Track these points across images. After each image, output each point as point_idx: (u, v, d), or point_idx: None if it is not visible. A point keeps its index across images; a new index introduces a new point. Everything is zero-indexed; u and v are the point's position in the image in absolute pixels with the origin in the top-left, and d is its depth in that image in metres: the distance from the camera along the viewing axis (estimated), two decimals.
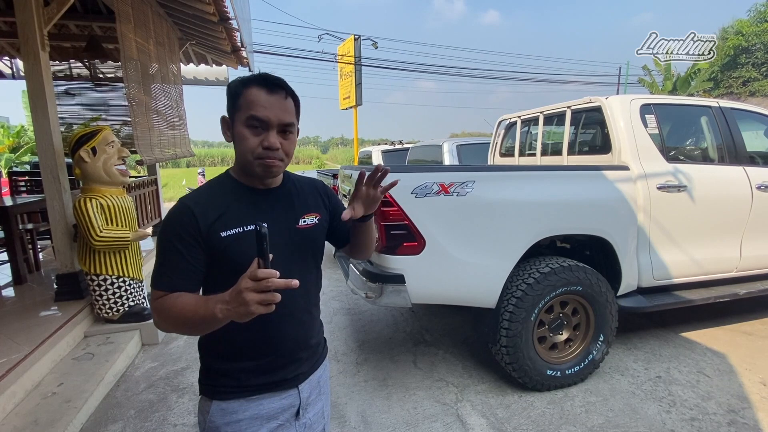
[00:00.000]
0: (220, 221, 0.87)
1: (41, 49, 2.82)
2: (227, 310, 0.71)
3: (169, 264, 0.86)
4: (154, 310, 0.85)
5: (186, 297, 0.83)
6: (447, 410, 2.22)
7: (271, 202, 0.95)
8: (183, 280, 0.86)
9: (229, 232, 0.87)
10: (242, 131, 0.86)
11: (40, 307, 3.12)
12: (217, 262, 0.88)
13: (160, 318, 0.84)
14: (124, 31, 3.38)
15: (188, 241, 0.85)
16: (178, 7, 4.09)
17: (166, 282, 0.85)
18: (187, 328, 0.81)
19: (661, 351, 2.80)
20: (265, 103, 0.85)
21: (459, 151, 5.39)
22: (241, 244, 0.87)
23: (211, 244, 0.86)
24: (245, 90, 0.86)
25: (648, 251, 2.54)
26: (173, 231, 0.86)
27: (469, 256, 2.14)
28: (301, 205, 1.00)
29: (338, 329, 3.30)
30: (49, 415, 2.10)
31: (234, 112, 0.88)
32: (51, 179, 2.94)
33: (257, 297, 0.66)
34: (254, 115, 0.85)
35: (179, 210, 0.87)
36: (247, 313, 0.68)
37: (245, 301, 0.66)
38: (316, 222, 1.01)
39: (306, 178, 1.11)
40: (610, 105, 2.61)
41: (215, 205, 0.88)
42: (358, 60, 12.26)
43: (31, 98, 2.86)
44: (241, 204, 0.91)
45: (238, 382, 0.92)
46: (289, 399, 0.97)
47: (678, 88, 18.97)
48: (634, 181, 2.46)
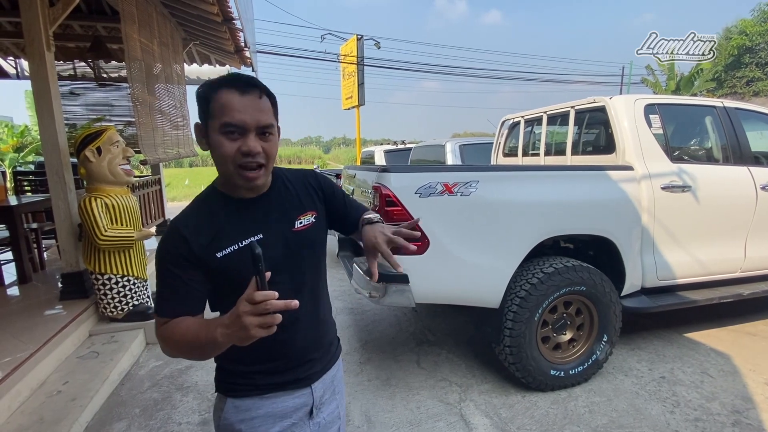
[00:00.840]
0: (215, 242, 0.84)
1: (46, 50, 2.84)
2: (227, 334, 0.69)
3: (168, 290, 0.83)
4: (159, 338, 0.83)
5: (188, 322, 0.81)
6: (450, 410, 2.22)
7: (263, 211, 0.91)
8: (184, 305, 0.83)
9: (225, 252, 0.84)
10: (218, 139, 0.80)
11: (45, 306, 3.14)
12: (217, 282, 0.86)
13: (166, 345, 0.82)
14: (129, 32, 3.40)
15: (184, 265, 0.82)
16: (182, 7, 4.11)
17: (167, 308, 0.83)
18: (192, 353, 0.79)
19: (665, 351, 2.79)
20: (238, 107, 0.79)
21: (462, 151, 5.38)
22: (238, 262, 0.84)
23: (209, 266, 0.83)
24: (215, 94, 0.80)
25: (652, 251, 2.53)
26: (168, 257, 0.83)
27: (473, 256, 2.14)
28: (295, 206, 0.95)
29: (341, 328, 3.30)
30: (55, 414, 2.11)
31: (206, 119, 0.82)
32: (56, 179, 2.95)
33: (256, 321, 0.64)
34: (228, 122, 0.79)
35: (171, 236, 0.84)
36: (248, 337, 0.66)
37: (244, 325, 0.65)
38: (312, 221, 0.97)
39: (296, 171, 1.04)
40: (614, 105, 2.60)
41: (206, 225, 0.85)
42: (361, 60, 12.27)
43: (37, 98, 2.88)
44: (232, 219, 0.87)
45: (252, 381, 0.92)
46: (302, 398, 0.97)
47: (681, 88, 18.90)
48: (638, 182, 2.45)
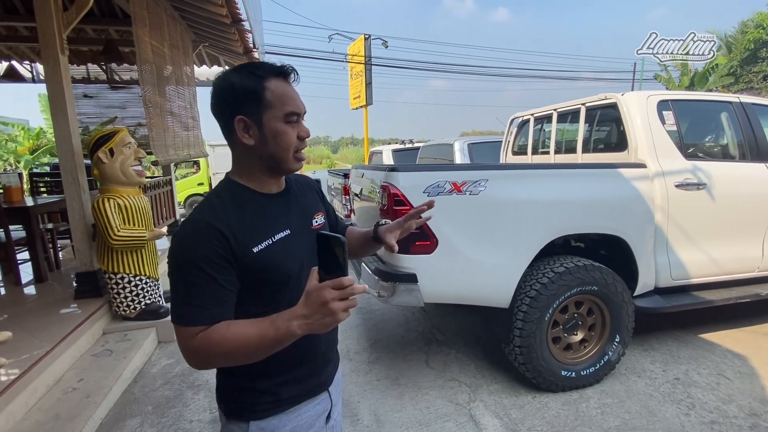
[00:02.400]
0: (249, 236, 0.80)
1: (61, 53, 2.89)
2: (308, 324, 0.67)
3: (202, 294, 0.75)
4: (194, 350, 0.74)
5: (240, 325, 0.74)
6: (460, 410, 2.21)
7: (287, 206, 0.90)
8: (222, 308, 0.77)
9: (261, 246, 0.81)
10: (282, 128, 0.81)
11: (61, 305, 3.20)
12: (247, 280, 0.81)
13: (207, 355, 0.74)
14: (140, 35, 3.44)
15: (219, 264, 0.76)
16: (192, 9, 4.15)
17: (203, 315, 0.75)
18: (246, 356, 0.74)
19: (680, 353, 2.74)
20: (293, 94, 0.82)
21: (470, 150, 5.35)
22: (273, 257, 0.82)
23: (244, 261, 0.79)
24: (267, 84, 0.80)
25: (666, 251, 2.48)
26: (200, 255, 0.75)
27: (482, 255, 2.12)
28: (310, 205, 0.97)
29: (350, 328, 3.31)
30: (70, 410, 2.16)
31: (261, 110, 0.80)
32: (71, 180, 3.01)
33: (343, 305, 0.65)
34: (293, 111, 0.81)
35: (201, 231, 0.77)
36: (334, 322, 0.67)
37: (332, 311, 0.65)
38: (323, 221, 1.00)
39: (301, 176, 1.05)
40: (626, 102, 2.56)
41: (239, 219, 0.81)
42: (368, 60, 12.27)
43: (51, 101, 2.93)
44: (260, 213, 0.84)
45: (277, 397, 0.88)
46: (322, 404, 0.96)
47: (696, 84, 18.52)
48: (651, 179, 2.41)
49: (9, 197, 3.92)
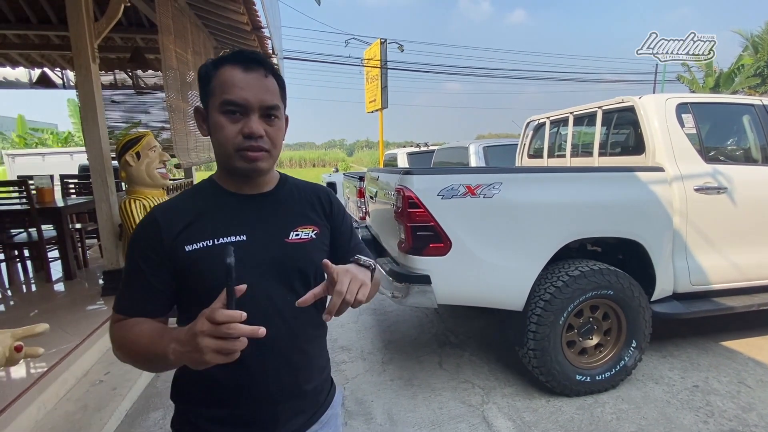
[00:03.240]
0: (187, 232, 0.73)
1: (92, 62, 3.04)
2: (180, 353, 0.58)
3: (131, 285, 0.73)
4: (111, 336, 0.73)
5: (143, 326, 0.69)
6: (473, 412, 2.22)
7: (256, 210, 0.79)
8: (145, 304, 0.73)
9: (195, 246, 0.72)
10: (218, 119, 0.72)
11: (88, 301, 3.35)
12: (182, 284, 0.74)
13: (115, 346, 0.72)
14: (166, 43, 3.59)
15: (152, 258, 0.72)
16: (215, 18, 4.30)
17: (126, 305, 0.73)
18: (141, 363, 0.69)
19: (699, 360, 2.68)
20: (241, 83, 0.71)
21: (486, 153, 5.35)
22: (207, 262, 0.72)
23: (175, 259, 0.72)
24: (217, 71, 0.72)
25: (684, 255, 2.45)
26: (137, 246, 0.74)
27: (496, 258, 2.14)
28: (296, 215, 0.83)
29: (364, 329, 3.35)
30: (98, 402, 2.26)
31: (207, 99, 0.74)
32: (100, 182, 3.15)
33: (213, 344, 0.54)
34: (229, 99, 0.71)
35: (146, 221, 0.75)
36: (201, 361, 0.55)
37: (199, 347, 0.54)
38: (312, 237, 0.82)
39: (309, 183, 0.93)
40: (643, 105, 2.54)
41: (183, 212, 0.75)
42: (384, 63, 12.37)
43: (83, 107, 3.09)
44: (216, 212, 0.76)
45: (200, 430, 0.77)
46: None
47: (721, 85, 17.97)
48: (670, 183, 2.38)
49: (41, 198, 4.11)
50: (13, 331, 0.97)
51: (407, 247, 2.10)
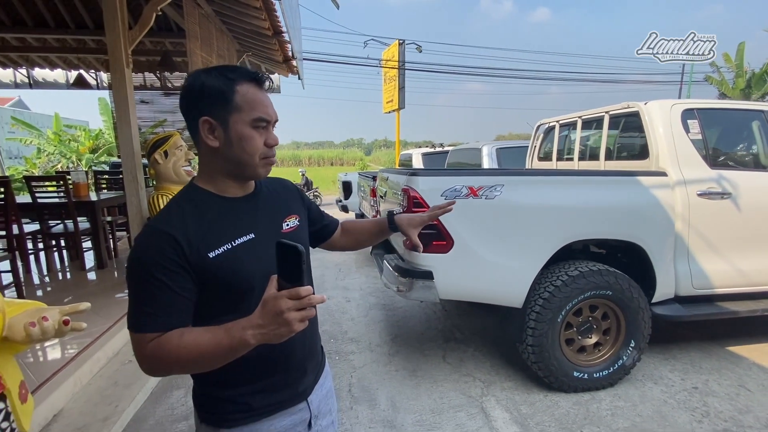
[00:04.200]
0: (205, 242, 0.78)
1: (126, 66, 3.28)
2: (263, 334, 0.65)
3: (154, 301, 0.74)
4: (147, 357, 0.73)
5: (195, 333, 0.73)
6: (472, 402, 2.33)
7: (253, 210, 0.88)
8: (176, 315, 0.76)
9: (218, 252, 0.79)
10: (248, 132, 0.80)
11: (118, 289, 3.62)
12: (207, 287, 0.79)
13: (161, 363, 0.73)
14: (192, 48, 3.81)
15: (173, 270, 0.75)
16: (238, 23, 4.52)
17: (155, 322, 0.74)
18: (202, 365, 0.72)
19: (702, 363, 2.71)
20: (265, 101, 0.82)
21: (498, 155, 5.41)
22: (232, 263, 0.80)
23: (200, 268, 0.77)
24: (238, 87, 0.79)
25: (686, 259, 2.49)
26: (152, 262, 0.74)
27: (496, 256, 2.24)
28: (281, 208, 0.95)
29: (374, 322, 3.49)
30: (127, 379, 2.48)
31: (229, 113, 0.79)
32: (131, 179, 3.40)
33: (299, 315, 0.63)
34: (262, 117, 0.80)
35: (154, 238, 0.76)
36: (289, 333, 0.65)
37: (288, 321, 0.63)
38: (297, 224, 0.96)
39: (276, 179, 1.03)
40: (648, 110, 2.58)
41: (195, 224, 0.79)
42: (402, 64, 12.48)
43: (117, 108, 3.33)
44: (222, 218, 0.83)
45: (248, 406, 0.86)
46: (300, 414, 0.93)
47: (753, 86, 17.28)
48: (672, 188, 2.43)
49: (77, 192, 4.43)
50: (61, 308, 1.15)
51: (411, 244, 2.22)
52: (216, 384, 0.86)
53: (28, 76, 6.62)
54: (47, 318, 1.09)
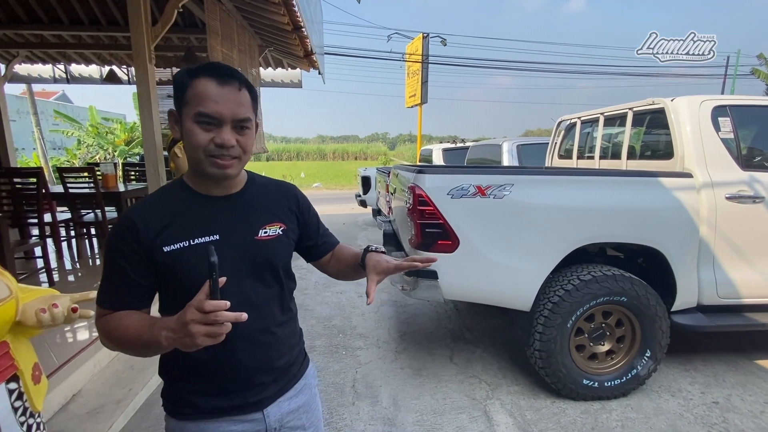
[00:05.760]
0: (164, 234, 0.79)
1: (149, 62, 3.38)
2: (172, 339, 0.66)
3: (113, 281, 0.79)
4: (98, 329, 0.79)
5: (131, 318, 0.77)
6: (475, 405, 2.29)
7: (226, 211, 0.85)
8: (128, 297, 0.80)
9: (173, 247, 0.79)
10: (191, 128, 0.78)
11: None
12: (163, 280, 0.81)
13: (104, 337, 0.79)
14: (213, 44, 3.89)
15: (131, 256, 0.78)
16: (259, 18, 4.57)
17: (110, 300, 0.79)
18: (131, 350, 0.76)
19: (726, 376, 2.55)
20: (216, 97, 0.76)
21: (519, 152, 5.26)
22: (187, 261, 0.79)
23: (154, 259, 0.78)
24: (193, 81, 0.78)
25: (712, 266, 2.34)
26: (116, 245, 0.79)
27: (503, 258, 2.18)
28: (263, 214, 0.90)
29: (383, 319, 3.49)
30: (142, 363, 2.59)
31: (181, 106, 0.79)
32: (153, 171, 3.52)
33: (203, 329, 0.62)
34: (203, 112, 0.76)
35: (121, 222, 0.80)
36: (193, 344, 0.64)
37: (191, 333, 0.62)
38: (279, 233, 0.90)
39: (276, 181, 0.99)
40: (675, 108, 2.43)
41: (159, 215, 0.80)
42: (426, 58, 12.31)
43: (140, 103, 3.45)
44: (189, 214, 0.82)
45: (193, 404, 0.86)
46: (252, 424, 0.89)
47: None
48: (698, 190, 2.28)
49: (106, 183, 4.64)
50: (71, 296, 1.21)
51: (416, 242, 2.20)
52: (170, 374, 0.88)
53: (66, 71, 6.96)
54: (57, 305, 1.14)
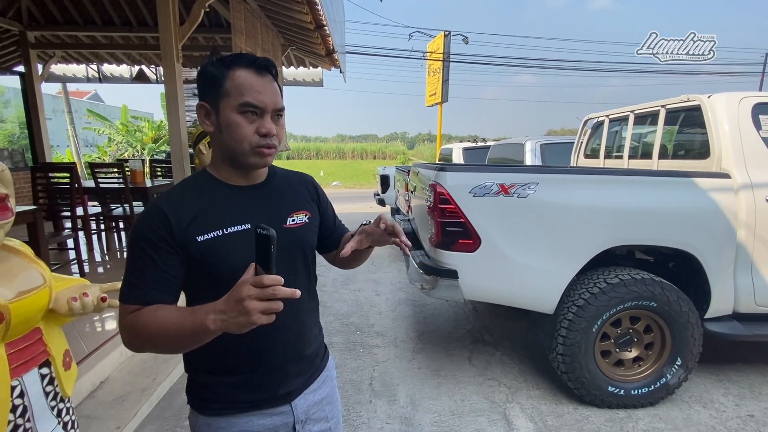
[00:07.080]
0: (196, 224, 0.78)
1: (176, 61, 3.47)
2: (223, 320, 0.63)
3: (141, 274, 0.76)
4: (125, 328, 0.75)
5: (166, 310, 0.74)
6: (494, 408, 2.25)
7: (255, 200, 0.86)
8: (159, 291, 0.76)
9: (207, 236, 0.78)
10: (235, 119, 0.78)
11: None
12: (194, 270, 0.79)
13: (134, 335, 0.74)
14: (237, 43, 3.95)
15: (162, 247, 0.76)
16: (282, 18, 4.63)
17: (139, 295, 0.75)
18: (169, 345, 0.72)
19: (762, 389, 2.42)
20: (258, 87, 0.78)
21: (542, 151, 5.14)
22: (220, 250, 0.79)
23: (187, 250, 0.77)
24: (231, 72, 0.78)
25: (750, 272, 2.22)
26: (144, 236, 0.76)
27: (526, 258, 2.13)
28: (290, 203, 0.91)
29: (401, 318, 3.48)
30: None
31: (219, 98, 0.79)
32: (178, 167, 3.61)
33: (261, 306, 0.60)
34: (249, 102, 0.77)
35: (150, 213, 0.78)
36: (249, 323, 0.61)
37: (247, 310, 0.60)
38: (306, 221, 0.92)
39: (295, 172, 1.01)
40: (711, 105, 2.32)
41: (190, 205, 0.79)
42: (447, 56, 12.20)
43: (167, 101, 3.54)
44: (219, 204, 0.82)
45: (224, 398, 0.85)
46: (281, 417, 0.89)
47: None
48: (736, 192, 2.17)
49: (134, 179, 4.79)
50: (101, 286, 1.24)
51: (436, 241, 2.17)
52: (198, 369, 0.86)
53: (98, 71, 7.24)
54: (88, 294, 1.18)
